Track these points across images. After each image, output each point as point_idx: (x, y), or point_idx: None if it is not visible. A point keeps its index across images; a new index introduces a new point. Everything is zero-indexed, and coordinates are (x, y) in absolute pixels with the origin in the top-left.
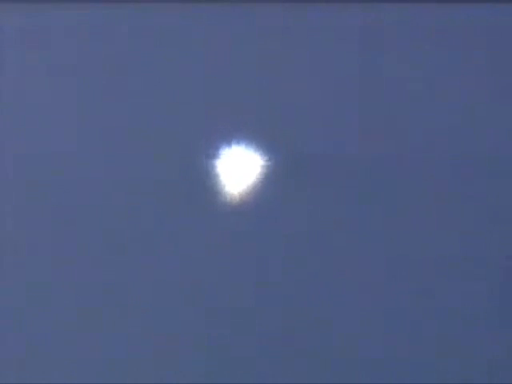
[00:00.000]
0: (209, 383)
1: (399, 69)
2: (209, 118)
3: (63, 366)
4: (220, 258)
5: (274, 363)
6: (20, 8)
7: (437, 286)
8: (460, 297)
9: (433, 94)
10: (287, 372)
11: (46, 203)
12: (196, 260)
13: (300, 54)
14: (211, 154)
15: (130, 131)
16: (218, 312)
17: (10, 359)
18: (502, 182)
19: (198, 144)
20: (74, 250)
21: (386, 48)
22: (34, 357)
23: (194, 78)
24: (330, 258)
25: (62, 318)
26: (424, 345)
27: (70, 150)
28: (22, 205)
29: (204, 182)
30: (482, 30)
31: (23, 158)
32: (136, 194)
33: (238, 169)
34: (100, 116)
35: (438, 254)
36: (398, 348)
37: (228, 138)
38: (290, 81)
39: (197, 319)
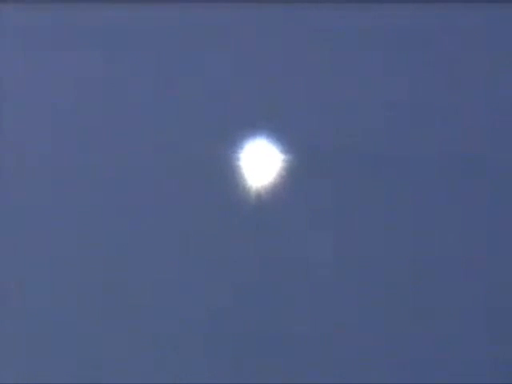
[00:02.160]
0: (211, 383)
1: (400, 68)
2: (224, 115)
3: (63, 365)
4: (235, 253)
5: (280, 363)
6: (20, 8)
7: (438, 285)
8: (459, 296)
9: (436, 94)
10: (290, 372)
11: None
12: (212, 255)
13: (312, 51)
14: (226, 151)
15: (144, 131)
16: (225, 311)
17: (10, 359)
18: (502, 183)
19: (212, 142)
20: (78, 250)
21: (386, 48)
22: (34, 357)
23: (207, 77)
24: (346, 252)
25: (62, 318)
26: (424, 345)
27: (73, 148)
28: (22, 205)
29: (220, 179)
30: (482, 31)
31: (24, 158)
32: (151, 192)
33: (254, 165)
34: (103, 116)
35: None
36: (398, 348)
37: (243, 135)
38: (307, 77)
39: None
